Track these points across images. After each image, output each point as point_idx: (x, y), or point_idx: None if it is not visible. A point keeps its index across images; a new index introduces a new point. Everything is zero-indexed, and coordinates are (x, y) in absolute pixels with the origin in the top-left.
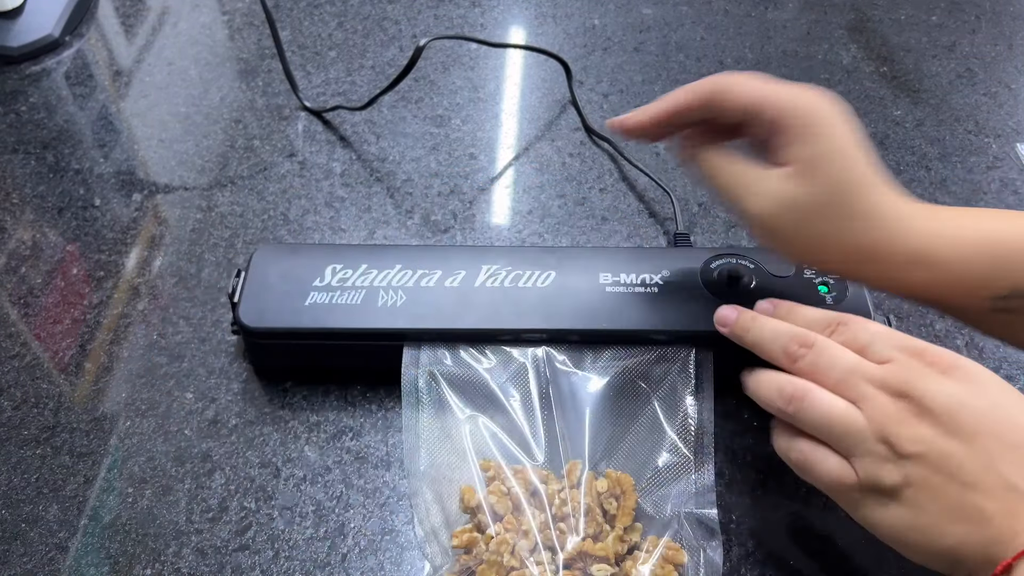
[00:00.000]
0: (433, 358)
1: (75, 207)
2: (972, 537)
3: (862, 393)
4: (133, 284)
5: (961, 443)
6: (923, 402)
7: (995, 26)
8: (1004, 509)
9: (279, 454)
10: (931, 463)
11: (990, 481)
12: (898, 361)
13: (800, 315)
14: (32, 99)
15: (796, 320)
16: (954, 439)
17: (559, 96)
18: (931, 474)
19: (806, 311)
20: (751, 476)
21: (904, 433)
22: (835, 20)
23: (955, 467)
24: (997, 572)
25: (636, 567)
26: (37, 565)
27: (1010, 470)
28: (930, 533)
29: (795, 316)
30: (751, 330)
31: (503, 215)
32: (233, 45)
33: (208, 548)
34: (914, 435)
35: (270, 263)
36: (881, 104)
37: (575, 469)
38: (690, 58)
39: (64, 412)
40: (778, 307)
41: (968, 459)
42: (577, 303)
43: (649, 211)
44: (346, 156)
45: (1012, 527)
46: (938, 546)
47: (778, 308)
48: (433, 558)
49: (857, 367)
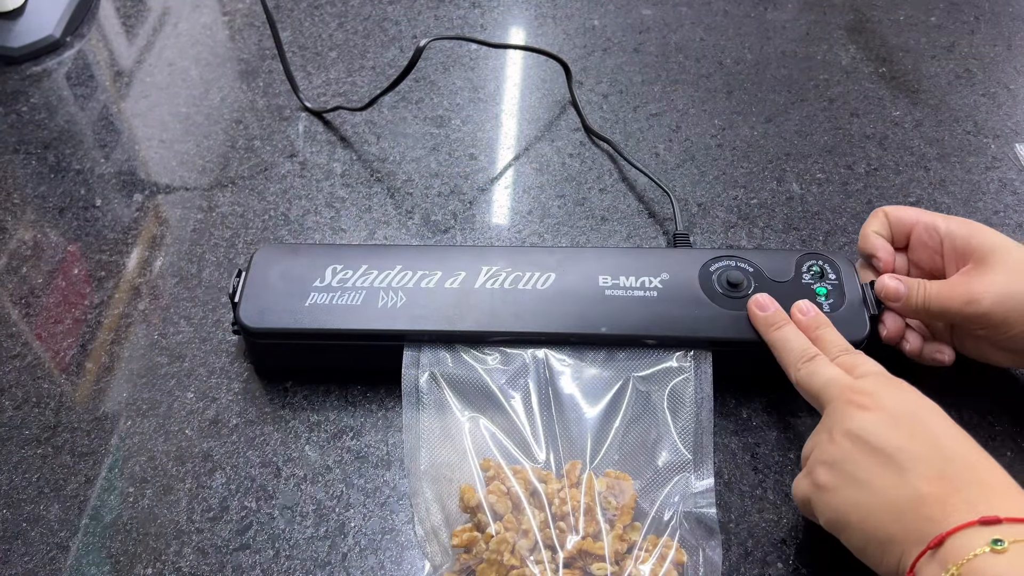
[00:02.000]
0: (433, 359)
1: (76, 207)
2: (907, 515)
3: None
4: (134, 284)
5: (905, 435)
6: (880, 403)
7: (994, 27)
8: (937, 492)
9: (280, 454)
10: (874, 446)
11: (925, 468)
12: (873, 377)
13: (826, 336)
14: (33, 99)
15: (820, 336)
16: (899, 430)
17: (559, 96)
18: (874, 455)
19: (832, 334)
20: (750, 476)
21: (857, 416)
22: (834, 21)
23: (894, 451)
24: (931, 544)
25: (636, 566)
26: (38, 564)
27: (941, 463)
28: (867, 510)
29: (821, 333)
30: (779, 330)
31: (503, 215)
32: (234, 46)
33: (209, 547)
34: (865, 419)
35: (271, 263)
36: (880, 104)
37: (575, 469)
38: (690, 59)
39: (65, 412)
40: (812, 319)
41: (908, 448)
42: (576, 306)
43: (649, 211)
44: (346, 156)
45: (944, 509)
46: (875, 523)
47: (811, 319)
48: (433, 557)
49: (839, 376)
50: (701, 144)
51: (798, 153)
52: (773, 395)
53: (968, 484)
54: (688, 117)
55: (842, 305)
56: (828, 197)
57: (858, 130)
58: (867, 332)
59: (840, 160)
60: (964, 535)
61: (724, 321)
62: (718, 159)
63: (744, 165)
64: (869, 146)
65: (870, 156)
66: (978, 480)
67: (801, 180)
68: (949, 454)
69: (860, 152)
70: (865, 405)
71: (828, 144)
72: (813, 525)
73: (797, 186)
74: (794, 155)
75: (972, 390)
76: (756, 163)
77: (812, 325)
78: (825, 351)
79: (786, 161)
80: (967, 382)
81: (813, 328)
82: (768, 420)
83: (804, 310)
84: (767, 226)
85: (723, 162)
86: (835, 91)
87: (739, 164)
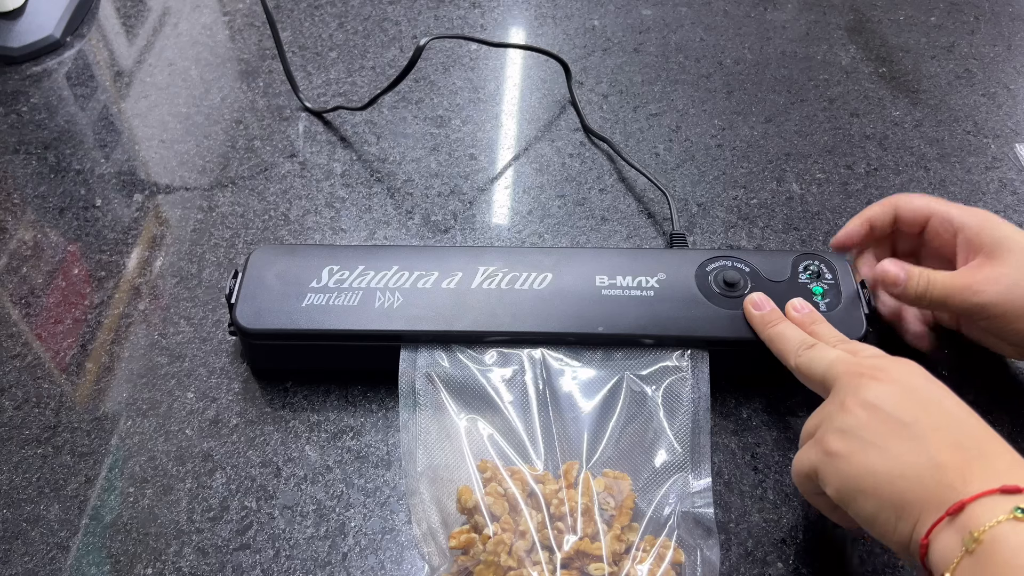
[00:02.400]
0: (430, 360)
1: (76, 207)
2: (925, 482)
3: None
4: (134, 284)
5: (919, 406)
6: (891, 375)
7: (994, 27)
8: (956, 460)
9: (280, 453)
10: (890, 415)
11: (942, 437)
12: (879, 357)
13: (821, 330)
14: (33, 100)
15: (816, 331)
16: (913, 401)
17: (559, 96)
18: (889, 423)
19: (828, 328)
20: (750, 475)
21: (871, 387)
22: (834, 21)
23: (911, 420)
24: (950, 511)
25: (633, 566)
26: (39, 564)
27: (957, 434)
28: (884, 476)
29: (816, 328)
30: (775, 327)
31: (503, 215)
32: (234, 46)
33: (209, 547)
34: (879, 390)
35: (267, 264)
36: (880, 104)
37: (572, 469)
38: (689, 59)
39: (65, 412)
40: (806, 315)
41: (923, 418)
42: (573, 306)
43: (648, 211)
44: (346, 156)
45: (963, 476)
46: (891, 489)
47: (804, 315)
48: (431, 559)
49: (843, 356)
50: (701, 144)
51: (798, 153)
52: (772, 395)
53: (984, 455)
54: (688, 117)
55: (838, 305)
56: (828, 197)
57: (858, 130)
58: (863, 331)
59: (840, 160)
60: (985, 502)
61: (721, 320)
62: (718, 159)
63: (744, 165)
64: (869, 146)
65: (870, 156)
66: (993, 451)
67: (801, 180)
68: (964, 426)
69: (860, 152)
70: (878, 377)
71: (828, 144)
72: (813, 525)
73: (797, 186)
74: (794, 155)
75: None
76: (756, 163)
77: (807, 321)
78: (791, 342)
79: (786, 161)
80: (970, 372)
81: (808, 324)
82: (768, 420)
83: (798, 307)
84: (767, 226)
85: (723, 162)
86: (835, 91)
87: (739, 164)
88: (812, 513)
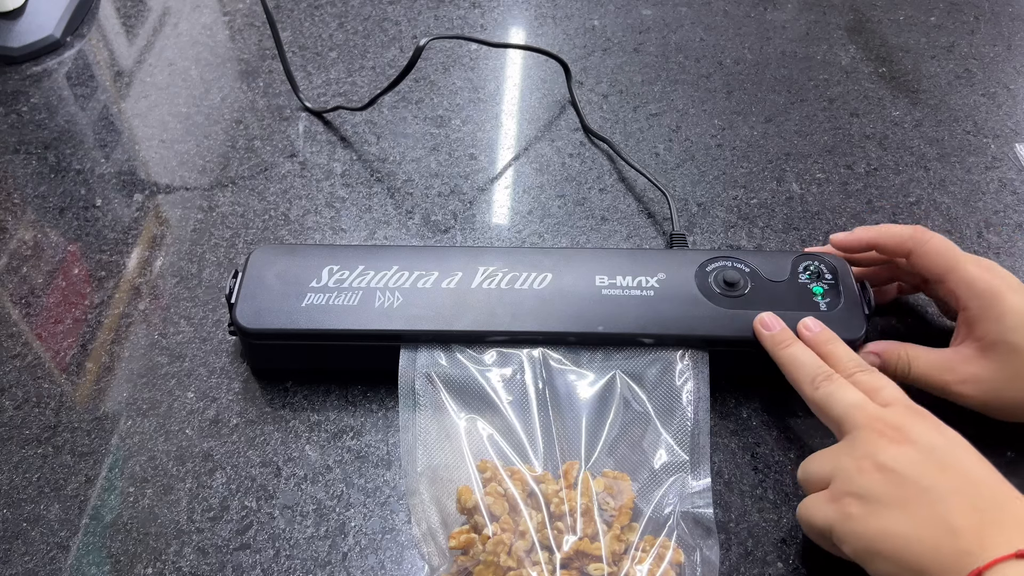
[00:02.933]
0: (430, 360)
1: (76, 207)
2: (942, 548)
3: (862, 420)
4: (134, 284)
5: (937, 469)
6: (909, 437)
7: (994, 27)
8: (973, 525)
9: (280, 453)
10: (907, 479)
11: (958, 502)
12: (898, 407)
13: (837, 352)
14: (33, 99)
15: (831, 352)
16: (931, 464)
17: (559, 96)
18: (906, 487)
19: (843, 349)
20: (750, 475)
21: (889, 449)
22: (834, 21)
23: (928, 485)
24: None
25: (633, 567)
26: (39, 564)
27: (974, 497)
28: (902, 540)
29: (831, 348)
30: (788, 349)
31: (503, 215)
32: (234, 46)
33: (209, 547)
34: (897, 453)
35: (267, 264)
36: (880, 104)
37: (572, 469)
38: (689, 59)
39: (65, 412)
40: (818, 335)
41: (940, 482)
42: (573, 306)
43: (648, 211)
44: (347, 156)
45: (981, 541)
46: (908, 554)
47: (818, 335)
48: (431, 559)
49: (863, 403)
50: (701, 144)
51: (798, 153)
52: (773, 395)
53: (1003, 518)
54: (688, 117)
55: (839, 305)
56: (828, 197)
57: (858, 130)
58: (864, 331)
59: (840, 160)
60: (1002, 568)
61: (721, 320)
62: (718, 159)
63: (744, 165)
64: (869, 146)
65: (870, 156)
66: (1012, 514)
67: (801, 180)
68: (981, 488)
69: (860, 152)
70: (896, 439)
71: (828, 144)
72: None
73: (797, 186)
74: (794, 155)
75: None
76: (756, 163)
77: (820, 341)
78: (837, 367)
79: (786, 161)
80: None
81: (822, 344)
82: (768, 420)
83: (810, 327)
84: (767, 226)
85: (723, 162)
86: (835, 91)
87: (739, 164)
88: None
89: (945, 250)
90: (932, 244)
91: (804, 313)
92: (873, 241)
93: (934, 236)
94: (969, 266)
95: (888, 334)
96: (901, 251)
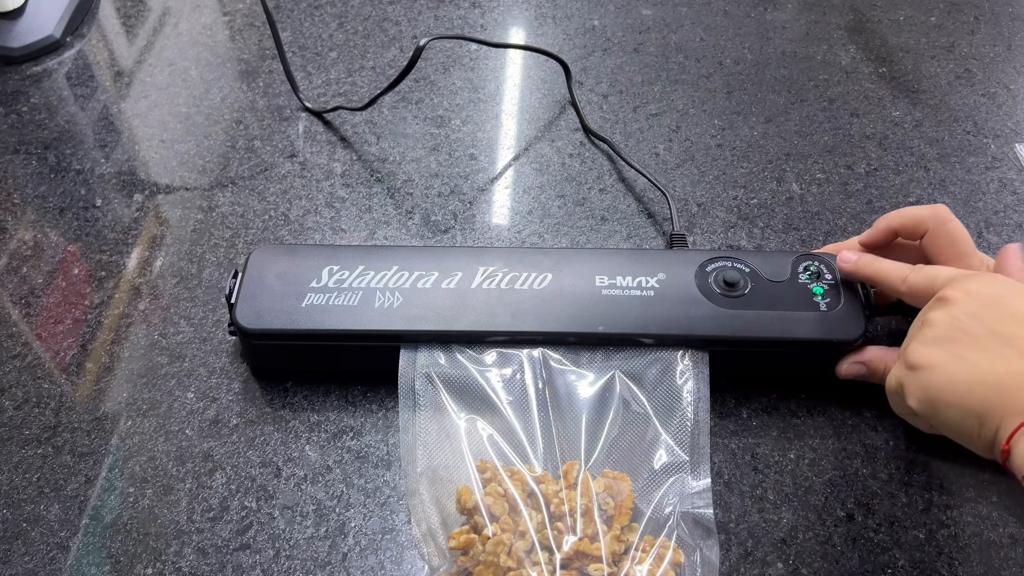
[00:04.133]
0: (430, 360)
1: (76, 207)
2: (1006, 386)
3: None
4: (134, 284)
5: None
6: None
7: (994, 27)
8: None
9: (280, 453)
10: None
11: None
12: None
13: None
14: (33, 100)
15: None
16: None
17: (559, 97)
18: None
19: (888, 263)
20: (750, 476)
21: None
22: (834, 21)
23: (996, 317)
24: None
25: (633, 567)
26: (39, 564)
27: None
28: (970, 387)
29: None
30: (873, 265)
31: (503, 215)
32: (234, 46)
33: (209, 547)
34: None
35: (267, 264)
36: (880, 105)
37: (572, 469)
38: (689, 59)
39: (65, 412)
40: (860, 259)
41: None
42: (573, 306)
43: (648, 212)
44: (347, 156)
45: None
46: (973, 398)
47: (861, 259)
48: (431, 559)
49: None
50: (701, 144)
51: (798, 153)
52: (773, 395)
53: None
54: (688, 117)
55: (838, 305)
56: (828, 197)
57: (858, 130)
58: (863, 331)
59: (840, 160)
60: None
61: (721, 320)
62: (718, 159)
63: (744, 165)
64: (869, 146)
65: (870, 156)
66: None
67: (801, 180)
68: None
69: (860, 152)
70: (983, 278)
71: (828, 144)
72: (813, 525)
73: (797, 186)
74: (794, 155)
75: None
76: (756, 163)
77: (865, 263)
78: (889, 276)
79: (786, 161)
80: None
81: (867, 265)
82: (768, 420)
83: (849, 258)
84: (767, 226)
85: (723, 162)
86: (835, 91)
87: (739, 164)
88: (812, 513)
89: (962, 236)
90: (951, 226)
91: (804, 313)
92: (893, 224)
93: (955, 219)
94: (977, 262)
95: (888, 334)
96: (920, 230)
